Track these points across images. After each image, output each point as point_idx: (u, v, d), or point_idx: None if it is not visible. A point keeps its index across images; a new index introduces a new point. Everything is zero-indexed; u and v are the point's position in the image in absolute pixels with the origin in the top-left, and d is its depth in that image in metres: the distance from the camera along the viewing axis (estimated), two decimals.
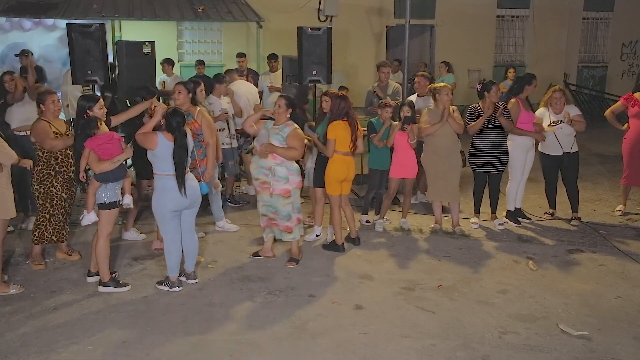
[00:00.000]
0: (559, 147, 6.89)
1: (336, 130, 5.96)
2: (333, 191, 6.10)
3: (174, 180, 4.93)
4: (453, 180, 6.66)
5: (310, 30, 7.87)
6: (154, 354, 4.13)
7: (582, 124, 6.87)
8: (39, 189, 5.47)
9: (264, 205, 5.75)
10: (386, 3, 14.81)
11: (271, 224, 5.81)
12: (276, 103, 5.72)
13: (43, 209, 5.52)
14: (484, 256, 6.09)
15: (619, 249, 6.28)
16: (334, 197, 6.11)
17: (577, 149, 6.99)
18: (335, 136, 5.96)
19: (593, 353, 4.21)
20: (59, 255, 5.80)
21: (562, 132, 6.85)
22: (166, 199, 4.98)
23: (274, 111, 5.68)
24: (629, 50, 17.41)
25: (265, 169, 5.60)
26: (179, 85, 6.08)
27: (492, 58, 16.00)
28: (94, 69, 7.47)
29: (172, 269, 5.14)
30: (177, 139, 4.92)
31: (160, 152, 4.91)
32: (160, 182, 5.00)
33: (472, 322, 4.64)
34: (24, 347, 4.20)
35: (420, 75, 7.76)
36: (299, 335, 4.43)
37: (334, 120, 6.00)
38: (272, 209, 5.71)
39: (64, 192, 5.57)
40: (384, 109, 6.76)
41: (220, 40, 14.06)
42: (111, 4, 12.20)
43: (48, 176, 5.47)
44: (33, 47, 13.26)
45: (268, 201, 5.69)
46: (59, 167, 5.50)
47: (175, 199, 4.97)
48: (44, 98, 5.45)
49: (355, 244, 6.28)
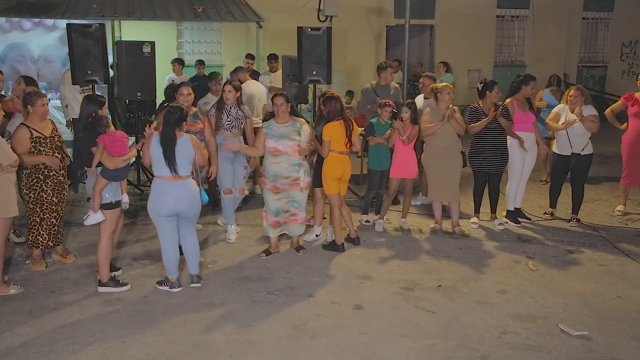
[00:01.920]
0: (569, 147, 6.87)
1: (330, 132, 5.99)
2: (331, 190, 6.11)
3: (169, 184, 4.90)
4: (453, 180, 6.66)
5: (310, 30, 7.87)
6: (154, 354, 4.13)
7: (594, 124, 6.75)
8: (28, 193, 5.40)
9: (290, 201, 5.90)
10: (386, 3, 14.81)
11: (290, 220, 5.96)
12: (275, 103, 5.80)
13: (33, 213, 5.46)
14: (484, 256, 6.09)
15: (618, 249, 6.28)
16: (333, 196, 6.12)
17: (590, 152, 6.90)
18: (329, 137, 5.99)
19: (593, 353, 4.21)
20: (55, 257, 5.77)
21: (574, 132, 6.79)
22: (161, 202, 4.95)
23: (276, 111, 5.78)
24: (629, 50, 17.41)
25: (297, 166, 5.82)
26: (186, 87, 6.24)
27: (491, 58, 16.00)
28: (94, 69, 7.48)
29: (170, 271, 5.14)
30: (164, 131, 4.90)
31: (154, 151, 4.92)
32: (156, 185, 5.00)
33: (471, 322, 4.64)
34: (24, 347, 4.20)
35: (426, 76, 7.72)
36: (299, 335, 4.43)
37: (328, 122, 6.03)
38: (297, 204, 5.93)
39: (54, 196, 5.49)
40: (383, 109, 6.77)
41: (220, 40, 14.05)
42: (111, 4, 12.20)
43: (37, 180, 5.39)
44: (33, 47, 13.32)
45: (296, 196, 5.89)
46: (48, 171, 5.42)
47: (169, 203, 4.93)
48: (33, 100, 5.32)
49: (355, 244, 6.29)
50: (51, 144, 5.42)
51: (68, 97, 8.87)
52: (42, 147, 5.35)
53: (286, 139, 5.78)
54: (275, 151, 5.79)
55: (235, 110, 6.42)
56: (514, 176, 7.05)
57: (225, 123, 6.38)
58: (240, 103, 6.50)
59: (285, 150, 5.77)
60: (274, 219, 5.95)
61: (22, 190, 5.44)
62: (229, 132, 6.38)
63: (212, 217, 7.21)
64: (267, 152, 5.86)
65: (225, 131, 6.38)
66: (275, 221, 5.96)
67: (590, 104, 6.91)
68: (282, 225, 6.00)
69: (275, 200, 5.89)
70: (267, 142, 5.82)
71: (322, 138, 6.02)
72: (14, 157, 4.94)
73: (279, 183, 5.84)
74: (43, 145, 5.36)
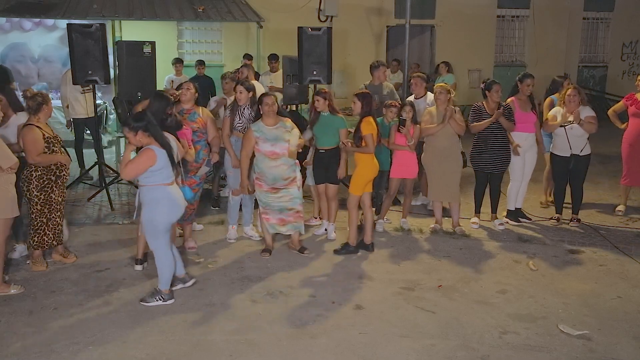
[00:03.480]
0: (568, 149, 6.85)
1: (371, 126, 5.90)
2: (358, 190, 6.01)
3: (174, 189, 4.82)
4: (453, 180, 6.66)
5: (311, 30, 7.87)
6: (154, 354, 4.13)
7: (592, 125, 6.69)
8: (38, 195, 5.37)
9: (292, 198, 5.89)
10: (386, 3, 14.80)
11: (297, 217, 5.96)
12: (266, 102, 5.71)
13: (40, 214, 5.44)
14: (484, 256, 6.09)
15: (619, 249, 6.28)
16: (356, 197, 6.02)
17: (588, 152, 6.87)
18: (372, 130, 5.90)
19: (593, 353, 4.21)
20: (55, 257, 5.76)
21: (573, 134, 6.76)
22: (177, 209, 4.84)
23: (267, 111, 5.71)
24: (630, 51, 17.39)
25: (294, 165, 5.87)
26: (188, 82, 6.29)
27: (492, 58, 15.98)
28: (94, 69, 7.48)
29: (167, 282, 4.94)
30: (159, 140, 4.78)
31: (161, 162, 4.70)
32: (161, 192, 4.74)
33: (471, 322, 4.64)
34: (24, 347, 4.20)
35: (417, 77, 7.64)
36: (299, 335, 4.43)
37: (365, 117, 5.94)
38: (299, 200, 5.95)
39: (59, 196, 5.54)
40: (389, 109, 6.77)
41: (220, 40, 14.05)
42: (111, 4, 12.20)
43: (49, 182, 5.40)
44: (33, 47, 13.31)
45: (295, 193, 5.90)
46: (59, 171, 5.45)
47: (181, 208, 4.86)
48: (45, 100, 5.37)
49: (369, 250, 6.13)
50: (59, 144, 5.49)
51: (69, 97, 8.89)
52: (54, 147, 5.40)
53: (281, 141, 5.72)
54: (273, 154, 5.72)
55: (249, 112, 6.23)
56: (515, 177, 7.04)
57: (237, 125, 6.23)
58: (254, 103, 6.20)
59: (282, 152, 5.73)
60: (279, 217, 5.92)
61: (32, 192, 5.36)
62: (241, 134, 6.15)
63: (212, 217, 7.21)
64: (263, 156, 5.73)
65: (239, 133, 6.19)
66: (280, 219, 5.92)
67: (587, 105, 6.89)
68: (288, 224, 5.95)
69: (277, 199, 5.86)
70: (262, 146, 5.71)
71: (363, 132, 5.86)
72: (14, 159, 4.94)
73: (279, 184, 5.83)
74: (55, 145, 5.41)
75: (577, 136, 6.78)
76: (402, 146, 6.60)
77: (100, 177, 8.07)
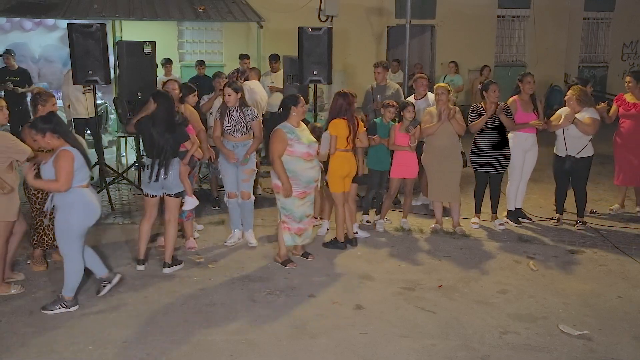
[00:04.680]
0: (564, 149, 6.83)
1: (337, 128, 5.99)
2: (336, 188, 6.09)
3: (89, 192, 4.71)
4: (453, 180, 6.66)
5: (311, 30, 7.87)
6: (154, 354, 4.13)
7: (588, 127, 6.59)
8: (36, 193, 5.36)
9: (312, 203, 5.85)
10: (386, 3, 14.80)
11: (310, 223, 5.90)
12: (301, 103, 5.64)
13: (40, 214, 5.43)
14: (484, 256, 6.09)
15: (619, 249, 6.28)
16: (338, 195, 6.09)
17: (588, 155, 6.77)
18: (336, 133, 5.98)
19: (593, 353, 4.21)
20: (55, 257, 5.75)
21: (569, 134, 6.73)
22: (87, 214, 4.67)
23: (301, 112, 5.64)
24: (630, 51, 17.39)
25: (319, 165, 5.84)
26: (173, 81, 6.39)
27: (492, 58, 15.97)
28: (94, 69, 7.48)
29: (72, 290, 4.77)
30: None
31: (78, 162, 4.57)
32: (76, 195, 4.60)
33: (472, 322, 4.64)
34: (24, 347, 4.20)
35: (422, 78, 7.65)
36: (299, 335, 4.43)
37: (333, 119, 6.04)
38: (311, 204, 5.88)
39: None
40: (387, 109, 6.77)
41: (220, 40, 14.06)
42: (112, 4, 12.20)
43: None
44: (34, 47, 13.32)
45: (311, 197, 5.82)
46: None
47: (96, 212, 4.73)
48: (45, 99, 5.36)
49: (352, 245, 6.26)
50: None
51: (70, 97, 8.89)
52: None
53: (312, 141, 5.70)
54: (309, 156, 5.59)
55: (238, 114, 6.09)
56: (514, 177, 7.05)
57: (225, 127, 6.10)
58: (243, 105, 6.15)
59: (314, 153, 5.69)
60: (297, 226, 5.71)
61: (30, 191, 5.37)
62: (231, 137, 6.09)
63: (212, 217, 7.21)
64: (297, 158, 5.52)
65: (229, 135, 6.11)
66: (299, 228, 5.72)
67: (591, 107, 6.83)
68: (304, 233, 5.79)
69: (301, 206, 5.66)
70: (297, 147, 5.50)
71: (330, 133, 6.01)
72: (29, 150, 4.88)
73: (310, 187, 5.70)
74: None
75: (574, 137, 6.74)
76: (403, 146, 6.62)
77: (101, 177, 8.06)
